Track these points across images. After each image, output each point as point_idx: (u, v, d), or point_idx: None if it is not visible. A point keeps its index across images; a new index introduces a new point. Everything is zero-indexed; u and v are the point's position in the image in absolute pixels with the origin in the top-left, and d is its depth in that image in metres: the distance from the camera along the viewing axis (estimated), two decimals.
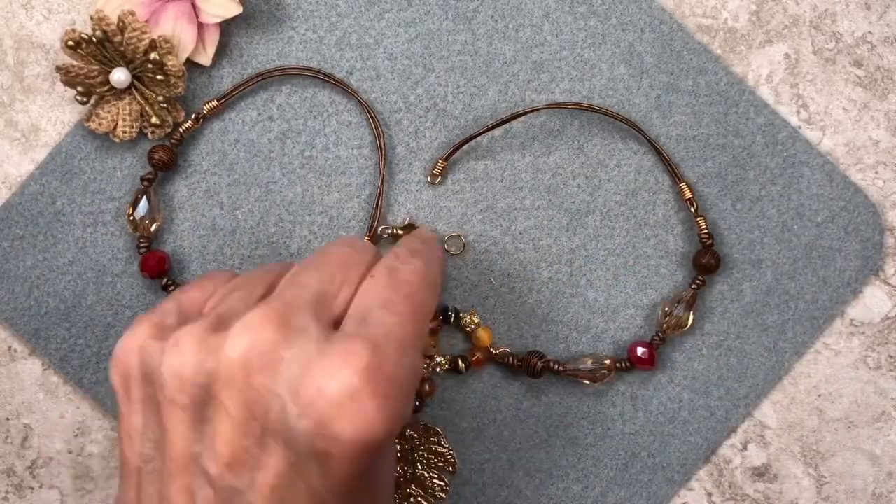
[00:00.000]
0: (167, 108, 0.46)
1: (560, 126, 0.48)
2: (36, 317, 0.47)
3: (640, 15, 0.48)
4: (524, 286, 0.48)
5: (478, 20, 0.48)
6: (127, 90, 0.45)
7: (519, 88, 0.48)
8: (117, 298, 0.48)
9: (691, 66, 0.48)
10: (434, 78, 0.48)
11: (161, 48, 0.44)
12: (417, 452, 0.48)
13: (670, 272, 0.48)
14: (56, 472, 0.49)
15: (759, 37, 0.48)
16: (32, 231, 0.47)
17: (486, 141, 0.48)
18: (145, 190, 0.46)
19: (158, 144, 0.46)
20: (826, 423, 0.49)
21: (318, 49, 0.47)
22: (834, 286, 0.48)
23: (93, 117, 0.46)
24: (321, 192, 0.48)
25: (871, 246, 0.48)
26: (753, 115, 0.48)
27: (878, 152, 0.49)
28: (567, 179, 0.48)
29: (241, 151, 0.48)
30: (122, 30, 0.44)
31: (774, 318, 0.48)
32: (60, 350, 0.47)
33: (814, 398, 0.49)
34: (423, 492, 0.48)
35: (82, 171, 0.47)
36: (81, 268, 0.47)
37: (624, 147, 0.48)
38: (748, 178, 0.48)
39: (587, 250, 0.48)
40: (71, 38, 0.44)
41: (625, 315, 0.48)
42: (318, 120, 0.48)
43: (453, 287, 0.48)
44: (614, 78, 0.48)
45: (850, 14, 0.49)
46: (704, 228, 0.47)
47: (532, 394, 0.48)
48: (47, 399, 0.48)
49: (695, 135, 0.48)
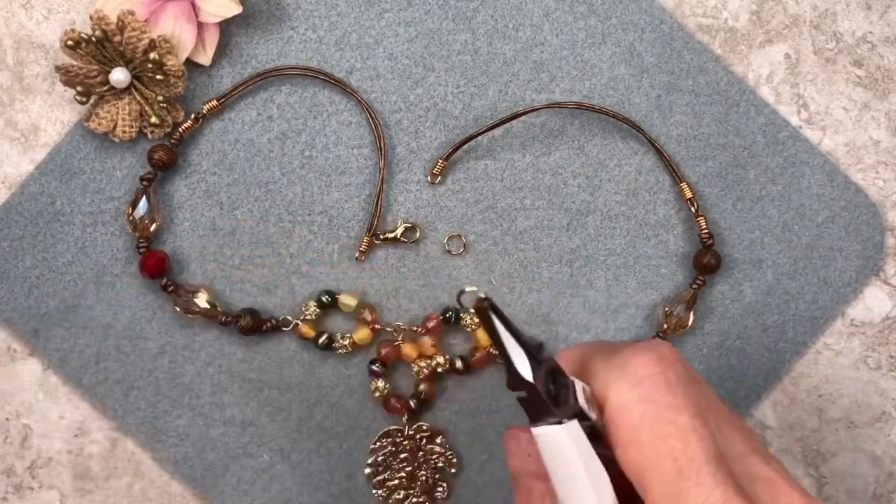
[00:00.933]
0: (167, 107, 0.46)
1: (560, 126, 0.48)
2: (35, 317, 0.47)
3: (640, 15, 0.48)
4: (524, 286, 0.48)
5: (478, 20, 0.48)
6: (126, 90, 0.45)
7: (519, 88, 0.48)
8: (117, 299, 0.47)
9: (692, 65, 0.48)
10: (434, 77, 0.48)
11: (161, 48, 0.44)
12: (418, 453, 0.48)
13: (671, 272, 0.48)
14: (56, 473, 0.49)
15: (759, 36, 0.48)
16: (32, 231, 0.47)
17: (487, 141, 0.48)
18: (145, 190, 0.46)
19: (158, 144, 0.46)
20: (826, 424, 0.49)
21: (318, 49, 0.47)
22: (834, 286, 0.48)
23: (92, 117, 0.45)
24: (321, 192, 0.48)
25: (871, 246, 0.48)
26: (754, 114, 0.48)
27: (878, 152, 0.49)
28: (567, 179, 0.48)
29: (240, 151, 0.48)
30: (121, 29, 0.44)
31: (775, 319, 0.48)
32: (60, 350, 0.47)
33: (814, 398, 0.49)
34: (424, 492, 0.48)
35: (82, 172, 0.47)
36: (81, 268, 0.47)
37: (624, 147, 0.48)
38: (749, 178, 0.48)
39: (587, 250, 0.48)
40: (70, 37, 0.44)
41: (625, 315, 0.48)
42: (317, 120, 0.48)
43: (453, 287, 0.48)
44: (615, 77, 0.48)
45: (850, 14, 0.48)
46: (705, 228, 0.47)
47: None
48: (47, 399, 0.48)
49: (695, 134, 0.48)
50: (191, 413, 0.48)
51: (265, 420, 0.48)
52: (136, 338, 0.48)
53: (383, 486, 0.48)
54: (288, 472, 0.48)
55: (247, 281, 0.48)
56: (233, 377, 0.48)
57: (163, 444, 0.48)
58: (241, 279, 0.48)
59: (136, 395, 0.48)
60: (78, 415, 0.48)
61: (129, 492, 0.48)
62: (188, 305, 0.46)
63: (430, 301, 0.48)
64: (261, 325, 0.47)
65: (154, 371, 0.48)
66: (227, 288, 0.48)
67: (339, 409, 0.48)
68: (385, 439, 0.48)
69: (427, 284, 0.48)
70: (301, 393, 0.48)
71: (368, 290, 0.48)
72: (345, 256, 0.48)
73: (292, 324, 0.47)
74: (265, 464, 0.48)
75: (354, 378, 0.48)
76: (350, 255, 0.48)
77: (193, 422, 0.48)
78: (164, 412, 0.48)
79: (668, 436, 0.29)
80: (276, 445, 0.48)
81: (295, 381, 0.48)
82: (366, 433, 0.48)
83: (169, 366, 0.48)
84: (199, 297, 0.47)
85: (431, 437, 0.48)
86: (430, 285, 0.48)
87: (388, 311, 0.48)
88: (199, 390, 0.48)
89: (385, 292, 0.48)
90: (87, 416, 0.48)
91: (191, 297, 0.47)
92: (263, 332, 0.47)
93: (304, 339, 0.47)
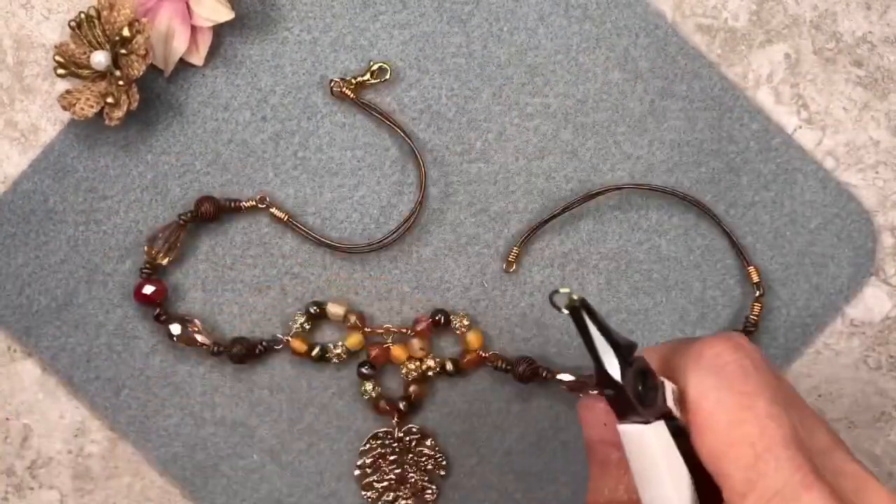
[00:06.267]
0: (125, 88, 0.45)
1: (554, 130, 0.48)
2: (27, 315, 0.47)
3: (634, 19, 0.48)
4: (516, 290, 0.48)
5: (472, 23, 0.48)
6: (103, 74, 0.45)
7: (513, 91, 0.48)
8: (108, 297, 0.48)
9: (686, 70, 0.48)
10: (428, 80, 0.48)
11: (137, 27, 0.44)
12: (408, 455, 0.48)
13: (662, 277, 0.48)
14: (56, 472, 0.49)
15: (759, 36, 0.48)
16: (24, 229, 0.47)
17: (480, 144, 0.48)
18: (178, 228, 0.47)
19: (208, 196, 0.47)
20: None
21: (313, 50, 0.48)
22: (826, 293, 0.48)
23: (63, 93, 0.45)
24: (314, 193, 0.48)
25: (863, 253, 0.48)
26: (747, 120, 0.48)
27: (878, 152, 0.48)
28: (560, 184, 0.48)
29: (234, 152, 0.48)
30: (111, 6, 0.44)
31: (766, 324, 0.48)
32: (51, 348, 0.48)
33: (814, 398, 0.49)
34: (413, 494, 0.48)
35: (75, 170, 0.47)
36: (73, 266, 0.47)
37: (617, 151, 0.48)
38: (742, 184, 0.48)
39: (579, 254, 0.48)
40: (75, 18, 0.45)
41: (616, 319, 0.48)
42: (311, 121, 0.48)
43: (445, 290, 0.48)
44: (608, 82, 0.48)
45: (850, 14, 0.48)
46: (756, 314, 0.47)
47: (522, 397, 0.48)
48: (47, 399, 0.48)
49: (688, 140, 0.48)
50: (181, 412, 0.48)
51: (255, 420, 0.48)
52: (127, 336, 0.48)
53: (372, 487, 0.48)
54: (277, 473, 0.48)
55: (238, 281, 0.48)
56: (224, 377, 0.48)
57: (153, 443, 0.48)
58: (233, 279, 0.48)
59: (127, 394, 0.48)
60: (78, 415, 0.48)
61: (129, 492, 0.49)
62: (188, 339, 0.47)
63: (421, 303, 0.48)
64: (253, 350, 0.47)
65: (145, 370, 0.48)
66: (218, 288, 0.48)
67: (330, 410, 0.48)
68: (374, 441, 0.48)
69: (419, 287, 0.48)
70: (292, 394, 0.48)
71: (360, 292, 0.48)
72: (337, 257, 0.48)
73: (283, 341, 0.47)
74: (255, 464, 0.48)
75: (345, 380, 0.48)
76: (342, 256, 0.48)
77: (184, 421, 0.48)
78: (154, 411, 0.48)
79: (744, 422, 0.29)
80: (266, 446, 0.48)
81: (285, 383, 0.48)
82: (356, 435, 0.48)
83: (160, 365, 0.48)
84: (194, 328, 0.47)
85: (421, 439, 0.48)
86: (422, 287, 0.48)
87: (380, 314, 0.48)
88: (190, 390, 0.48)
89: (377, 294, 0.48)
90: (86, 415, 0.48)
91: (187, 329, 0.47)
92: (257, 355, 0.47)
93: (297, 354, 0.47)
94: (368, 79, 0.47)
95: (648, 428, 0.29)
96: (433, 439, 0.48)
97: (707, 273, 0.48)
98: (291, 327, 0.47)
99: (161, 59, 0.46)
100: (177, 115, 0.48)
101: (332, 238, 0.48)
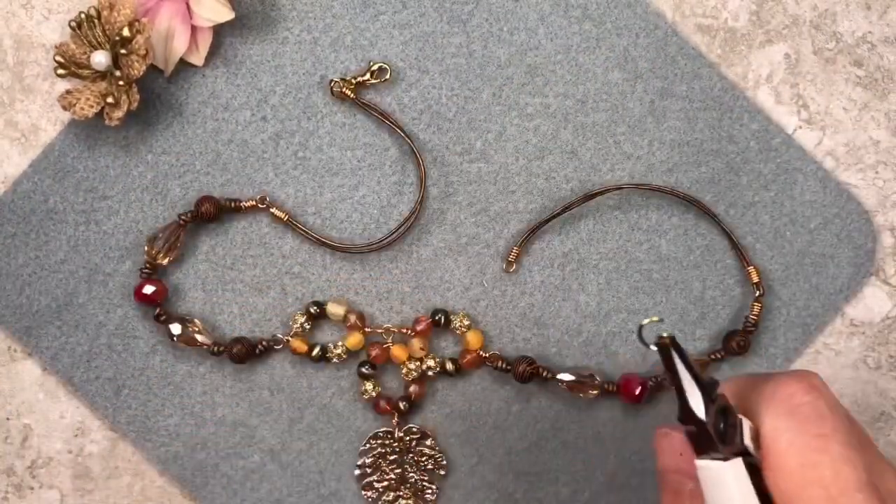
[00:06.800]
0: (125, 88, 0.45)
1: (554, 130, 0.48)
2: (27, 315, 0.47)
3: (634, 20, 0.48)
4: (516, 289, 0.48)
5: (472, 23, 0.48)
6: (104, 74, 0.45)
7: (513, 92, 0.48)
8: (109, 297, 0.48)
9: (686, 71, 0.48)
10: (428, 80, 0.48)
11: (137, 27, 0.44)
12: (408, 454, 0.48)
13: (662, 277, 0.48)
14: (56, 472, 0.49)
15: (759, 36, 0.48)
16: (24, 229, 0.47)
17: (480, 144, 0.48)
18: (177, 228, 0.47)
19: (208, 196, 0.47)
20: None
21: (313, 50, 0.48)
22: (826, 293, 0.48)
23: (63, 93, 0.45)
24: (314, 193, 0.48)
25: (863, 253, 0.48)
26: (747, 120, 0.48)
27: (878, 152, 0.48)
28: (560, 183, 0.48)
29: (234, 152, 0.48)
30: (111, 6, 0.44)
31: (766, 325, 0.48)
32: (51, 348, 0.48)
33: None
34: (413, 494, 0.48)
35: (75, 170, 0.47)
36: (73, 266, 0.48)
37: (617, 151, 0.48)
38: (741, 184, 0.48)
39: (579, 254, 0.48)
40: (75, 19, 0.44)
41: (616, 319, 0.48)
42: (311, 121, 0.48)
43: (445, 290, 0.48)
44: (608, 82, 0.48)
45: (850, 14, 0.48)
46: (756, 313, 0.47)
47: (522, 397, 0.48)
48: (47, 399, 0.48)
49: (688, 140, 0.48)
50: (181, 412, 0.48)
51: (255, 420, 0.48)
52: (127, 337, 0.48)
53: (373, 487, 0.48)
54: (278, 473, 0.48)
55: (238, 281, 0.48)
56: (224, 377, 0.48)
57: (153, 443, 0.48)
58: (233, 279, 0.48)
59: (128, 394, 0.48)
60: (78, 414, 0.48)
61: (129, 492, 0.49)
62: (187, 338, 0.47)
63: (421, 303, 0.48)
64: (253, 350, 0.47)
65: (145, 370, 0.48)
66: (218, 288, 0.48)
67: (330, 410, 0.48)
68: (375, 441, 0.48)
69: (419, 287, 0.48)
70: (292, 394, 0.48)
71: (360, 292, 0.48)
72: (337, 257, 0.48)
73: (283, 341, 0.47)
74: (255, 464, 0.48)
75: (345, 380, 0.48)
76: (342, 256, 0.48)
77: (184, 421, 0.48)
78: (154, 411, 0.48)
79: (818, 464, 0.29)
80: (266, 446, 0.48)
81: (286, 382, 0.48)
82: (356, 435, 0.48)
83: (160, 365, 0.48)
84: (194, 327, 0.47)
85: (421, 439, 0.48)
86: (422, 287, 0.48)
87: (380, 314, 0.48)
88: (191, 389, 0.48)
89: (377, 294, 0.48)
90: (87, 415, 0.48)
91: (186, 329, 0.47)
92: (257, 355, 0.47)
93: (298, 354, 0.47)
94: (368, 79, 0.47)
95: (727, 465, 0.30)
96: (433, 439, 0.48)
97: (707, 273, 0.48)
98: (291, 327, 0.47)
99: (161, 59, 0.46)
100: (177, 115, 0.48)
101: (332, 238, 0.48)
